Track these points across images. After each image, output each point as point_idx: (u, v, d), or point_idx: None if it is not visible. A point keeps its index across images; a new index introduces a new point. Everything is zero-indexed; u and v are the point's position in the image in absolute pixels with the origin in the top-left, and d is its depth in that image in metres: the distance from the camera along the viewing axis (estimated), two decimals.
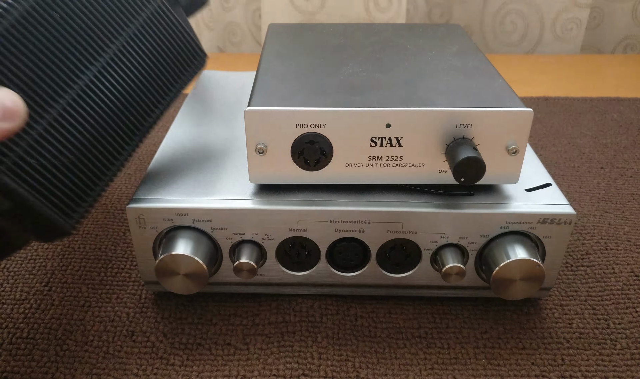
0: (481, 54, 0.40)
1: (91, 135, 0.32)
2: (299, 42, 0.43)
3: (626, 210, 0.49)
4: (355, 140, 0.33)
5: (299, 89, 0.34)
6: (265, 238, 0.35)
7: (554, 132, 0.63)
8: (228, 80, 0.53)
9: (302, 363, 0.34)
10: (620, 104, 0.70)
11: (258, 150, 0.33)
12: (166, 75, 0.35)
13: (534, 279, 0.34)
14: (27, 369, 0.33)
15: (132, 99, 0.34)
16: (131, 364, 0.34)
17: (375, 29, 0.47)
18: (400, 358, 0.34)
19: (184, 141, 0.42)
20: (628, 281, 0.40)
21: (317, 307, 0.38)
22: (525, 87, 0.76)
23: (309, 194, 0.35)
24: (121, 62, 0.33)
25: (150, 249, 0.36)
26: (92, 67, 0.31)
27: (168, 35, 0.35)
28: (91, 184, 0.32)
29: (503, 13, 0.89)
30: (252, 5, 0.90)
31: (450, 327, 0.36)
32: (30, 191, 0.29)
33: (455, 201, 0.35)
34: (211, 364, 0.34)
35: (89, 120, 0.31)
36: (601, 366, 0.34)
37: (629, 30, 0.91)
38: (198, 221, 0.34)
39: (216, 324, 0.37)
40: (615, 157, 0.58)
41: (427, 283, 0.37)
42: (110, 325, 0.36)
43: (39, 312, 0.37)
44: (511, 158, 0.34)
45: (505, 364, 0.34)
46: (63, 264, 0.42)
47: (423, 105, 0.32)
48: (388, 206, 0.34)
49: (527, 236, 0.35)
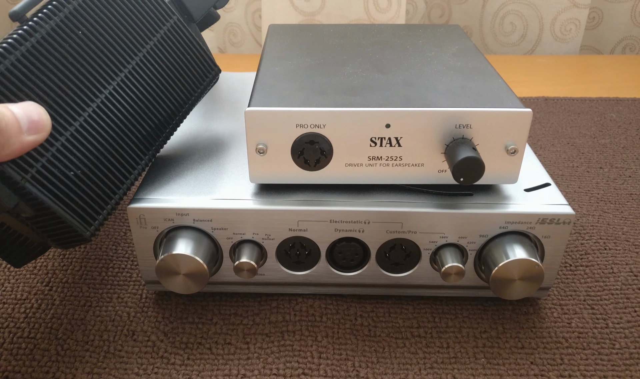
0: (480, 55, 0.41)
1: (111, 146, 0.33)
2: (299, 42, 0.44)
3: (625, 210, 0.49)
4: (355, 140, 0.33)
5: (299, 89, 0.35)
6: (266, 237, 0.35)
7: (553, 132, 0.63)
8: (228, 80, 0.53)
9: (302, 362, 0.34)
10: (619, 104, 0.70)
11: (258, 150, 0.33)
12: (182, 89, 0.37)
13: (533, 279, 0.34)
14: (28, 369, 0.33)
15: (150, 111, 0.35)
16: (132, 364, 0.34)
17: (375, 29, 0.47)
18: (400, 357, 0.34)
19: (184, 141, 0.42)
20: (627, 281, 0.41)
21: (317, 306, 0.38)
22: (525, 88, 0.76)
23: (309, 194, 0.35)
24: (140, 76, 0.34)
25: (151, 249, 0.36)
26: (113, 81, 0.33)
27: (184, 50, 0.37)
28: (110, 193, 0.33)
29: (502, 14, 0.89)
30: (252, 6, 0.91)
31: (450, 326, 0.37)
32: (53, 199, 0.30)
33: (455, 201, 0.35)
34: (212, 363, 0.34)
35: (109, 131, 0.33)
36: (600, 366, 0.34)
37: (628, 31, 0.92)
38: (199, 221, 0.34)
39: (216, 323, 0.37)
40: (614, 157, 0.58)
41: (426, 283, 0.37)
42: (111, 324, 0.37)
43: (40, 311, 0.37)
44: (510, 159, 0.34)
45: (504, 363, 0.34)
46: (64, 264, 0.42)
47: (423, 105, 0.33)
48: (388, 206, 0.34)
49: (526, 236, 0.35)
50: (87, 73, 0.32)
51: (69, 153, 0.31)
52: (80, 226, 0.31)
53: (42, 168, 0.29)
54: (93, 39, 0.32)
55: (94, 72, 0.32)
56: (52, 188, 0.30)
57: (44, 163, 0.30)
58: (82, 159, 0.31)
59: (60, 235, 0.32)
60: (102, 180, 0.33)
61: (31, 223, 0.31)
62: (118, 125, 0.33)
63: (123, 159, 0.34)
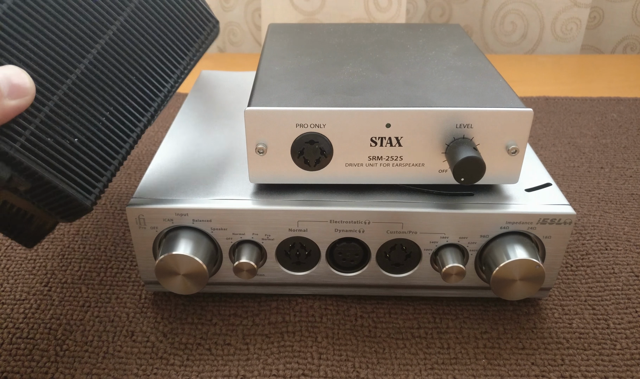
0: (481, 54, 0.40)
1: (104, 108, 0.31)
2: (299, 42, 0.43)
3: (626, 210, 0.49)
4: (355, 140, 0.33)
5: (299, 89, 0.34)
6: (265, 238, 0.35)
7: (554, 132, 0.63)
8: (228, 80, 0.53)
9: (302, 363, 0.34)
10: (620, 104, 0.70)
11: (258, 150, 0.33)
12: (177, 43, 0.35)
13: (534, 279, 0.34)
14: (26, 370, 0.33)
15: (143, 69, 0.33)
16: (131, 365, 0.34)
17: (375, 29, 0.47)
18: (400, 358, 0.34)
19: (184, 141, 0.42)
20: (628, 281, 0.40)
21: (317, 307, 0.38)
22: (525, 87, 0.76)
23: (309, 194, 0.35)
24: (129, 32, 0.32)
25: (150, 249, 0.36)
26: (100, 39, 0.31)
27: (175, 1, 0.35)
28: (109, 158, 0.32)
29: (503, 13, 0.89)
30: (252, 5, 0.90)
31: (450, 327, 0.36)
32: (48, 168, 0.29)
33: (455, 201, 0.35)
34: (211, 364, 0.34)
35: (101, 93, 0.31)
36: (601, 366, 0.34)
37: (629, 31, 0.91)
38: (198, 221, 0.34)
39: (216, 324, 0.37)
40: (615, 157, 0.58)
41: (427, 283, 0.37)
42: (110, 325, 0.36)
43: (39, 312, 0.37)
44: (511, 158, 0.34)
45: (505, 364, 0.34)
46: (63, 264, 0.42)
47: (423, 105, 0.32)
48: (388, 206, 0.34)
49: (527, 236, 0.35)
50: (72, 32, 0.30)
51: (60, 119, 0.29)
52: (80, 196, 0.30)
53: (32, 135, 0.28)
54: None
55: (79, 31, 0.30)
56: (45, 156, 0.29)
57: (33, 130, 0.28)
58: (75, 124, 0.30)
59: (62, 207, 0.31)
60: (98, 145, 0.31)
61: (30, 196, 0.29)
62: (110, 86, 0.31)
63: (119, 121, 0.32)
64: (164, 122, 0.63)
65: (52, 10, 0.29)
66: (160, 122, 0.64)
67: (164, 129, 0.62)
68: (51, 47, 0.29)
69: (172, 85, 0.35)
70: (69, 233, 0.45)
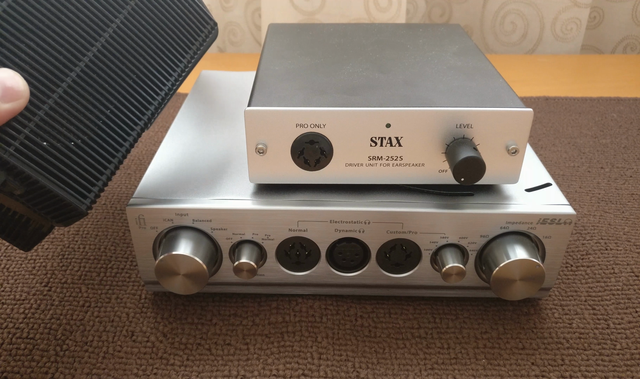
0: (481, 54, 0.40)
1: (100, 112, 0.31)
2: (299, 42, 0.43)
3: (626, 210, 0.49)
4: (355, 140, 0.33)
5: (299, 89, 0.34)
6: (265, 238, 0.35)
7: (554, 132, 0.63)
8: (228, 80, 0.53)
9: (302, 363, 0.34)
10: (620, 104, 0.70)
11: (258, 150, 0.33)
12: (174, 46, 0.35)
13: (534, 279, 0.34)
14: (27, 370, 0.33)
15: (141, 72, 0.33)
16: (131, 365, 0.34)
17: (375, 29, 0.47)
18: (400, 358, 0.34)
19: (184, 141, 0.42)
20: (628, 281, 0.40)
21: (317, 307, 0.38)
22: (525, 87, 0.76)
23: (309, 194, 0.35)
24: (126, 35, 0.32)
25: (150, 249, 0.36)
26: (96, 42, 0.31)
27: (173, 3, 0.34)
28: (104, 162, 0.32)
29: (503, 13, 0.89)
30: (252, 5, 0.90)
31: (450, 327, 0.36)
32: (42, 173, 0.29)
33: (455, 201, 0.35)
34: (211, 364, 0.34)
35: (97, 97, 0.31)
36: (601, 366, 0.34)
37: (629, 31, 0.91)
38: (198, 221, 0.34)
39: (216, 324, 0.37)
40: (615, 157, 0.58)
41: (427, 283, 0.37)
42: (110, 325, 0.36)
43: (39, 312, 0.37)
44: (511, 158, 0.34)
45: (505, 364, 0.34)
46: (63, 264, 0.42)
47: (423, 105, 0.32)
48: (388, 206, 0.34)
49: (527, 236, 0.35)
50: (67, 35, 0.29)
51: (55, 122, 0.29)
52: (75, 200, 0.30)
53: (27, 139, 0.28)
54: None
55: (75, 33, 0.30)
56: (39, 160, 0.28)
57: (28, 134, 0.28)
58: (70, 127, 0.30)
59: (57, 211, 0.30)
60: (94, 149, 0.31)
61: (26, 200, 0.29)
62: (106, 89, 0.31)
63: (116, 125, 0.32)
64: (164, 122, 0.63)
65: (47, 13, 0.29)
66: (160, 122, 0.64)
67: (164, 129, 0.62)
68: (46, 49, 0.29)
69: (169, 89, 0.35)
70: (69, 233, 0.45)
